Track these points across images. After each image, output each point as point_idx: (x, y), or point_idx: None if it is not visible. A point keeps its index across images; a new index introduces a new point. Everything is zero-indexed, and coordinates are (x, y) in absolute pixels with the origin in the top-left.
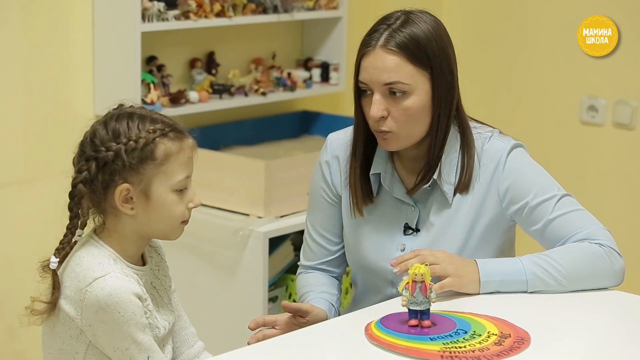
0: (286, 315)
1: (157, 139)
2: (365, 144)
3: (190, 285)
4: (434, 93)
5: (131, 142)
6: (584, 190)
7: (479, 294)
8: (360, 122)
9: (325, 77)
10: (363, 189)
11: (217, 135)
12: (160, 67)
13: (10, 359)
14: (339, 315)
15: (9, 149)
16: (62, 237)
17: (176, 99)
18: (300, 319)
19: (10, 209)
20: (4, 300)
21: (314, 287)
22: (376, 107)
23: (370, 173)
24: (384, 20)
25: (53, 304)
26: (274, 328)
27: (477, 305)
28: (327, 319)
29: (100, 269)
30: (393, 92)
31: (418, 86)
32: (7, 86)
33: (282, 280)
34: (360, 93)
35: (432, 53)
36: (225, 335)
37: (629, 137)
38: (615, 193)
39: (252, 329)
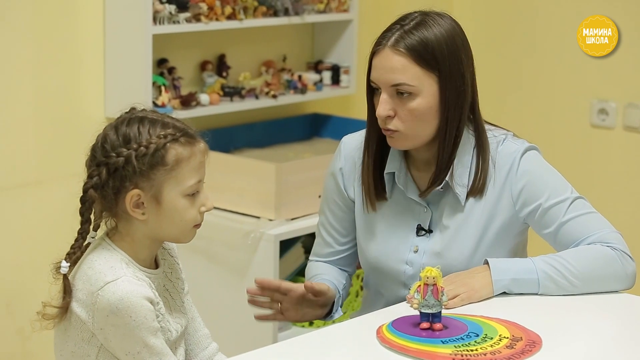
0: (301, 288)
1: (168, 144)
2: (379, 142)
3: (201, 288)
4: (442, 96)
5: (142, 148)
6: (595, 193)
7: (493, 296)
8: (373, 120)
9: (335, 80)
10: (376, 186)
11: (228, 137)
12: (171, 70)
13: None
14: (342, 305)
15: (20, 151)
16: (73, 242)
17: (187, 102)
18: (313, 297)
19: (22, 211)
20: (14, 302)
21: (324, 271)
22: (382, 106)
23: (385, 172)
24: (400, 21)
25: (64, 309)
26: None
27: (489, 308)
28: (333, 300)
29: (112, 273)
30: (400, 92)
31: (424, 88)
32: (18, 89)
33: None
34: (372, 91)
35: (440, 56)
36: (235, 337)
37: (639, 140)
38: (626, 196)
39: (253, 293)
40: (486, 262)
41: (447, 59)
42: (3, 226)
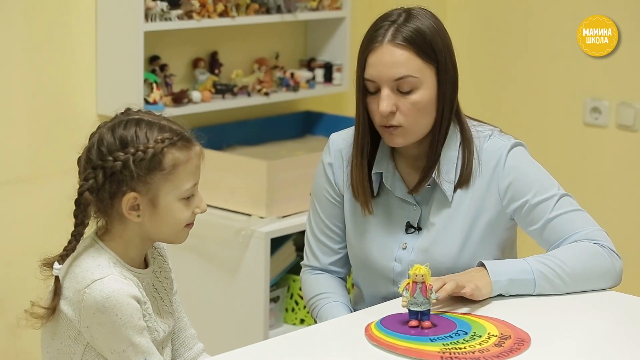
0: None
1: (165, 148)
2: (371, 142)
3: (192, 285)
4: (439, 88)
5: (139, 152)
6: (587, 192)
7: (492, 296)
8: (366, 121)
9: (328, 78)
10: (371, 187)
11: (220, 135)
12: (163, 67)
13: (13, 357)
14: None
15: (12, 147)
16: (66, 244)
17: (179, 99)
18: None
19: (13, 207)
20: (6, 299)
21: (328, 288)
22: (385, 102)
23: (373, 172)
24: (387, 17)
25: (52, 310)
26: None
27: (478, 307)
28: None
29: (99, 272)
30: (400, 88)
31: (426, 80)
32: (10, 85)
33: (283, 281)
34: (365, 91)
35: (437, 47)
36: (226, 335)
37: (632, 139)
38: (618, 194)
39: None
40: (481, 264)
41: (442, 50)
42: None
